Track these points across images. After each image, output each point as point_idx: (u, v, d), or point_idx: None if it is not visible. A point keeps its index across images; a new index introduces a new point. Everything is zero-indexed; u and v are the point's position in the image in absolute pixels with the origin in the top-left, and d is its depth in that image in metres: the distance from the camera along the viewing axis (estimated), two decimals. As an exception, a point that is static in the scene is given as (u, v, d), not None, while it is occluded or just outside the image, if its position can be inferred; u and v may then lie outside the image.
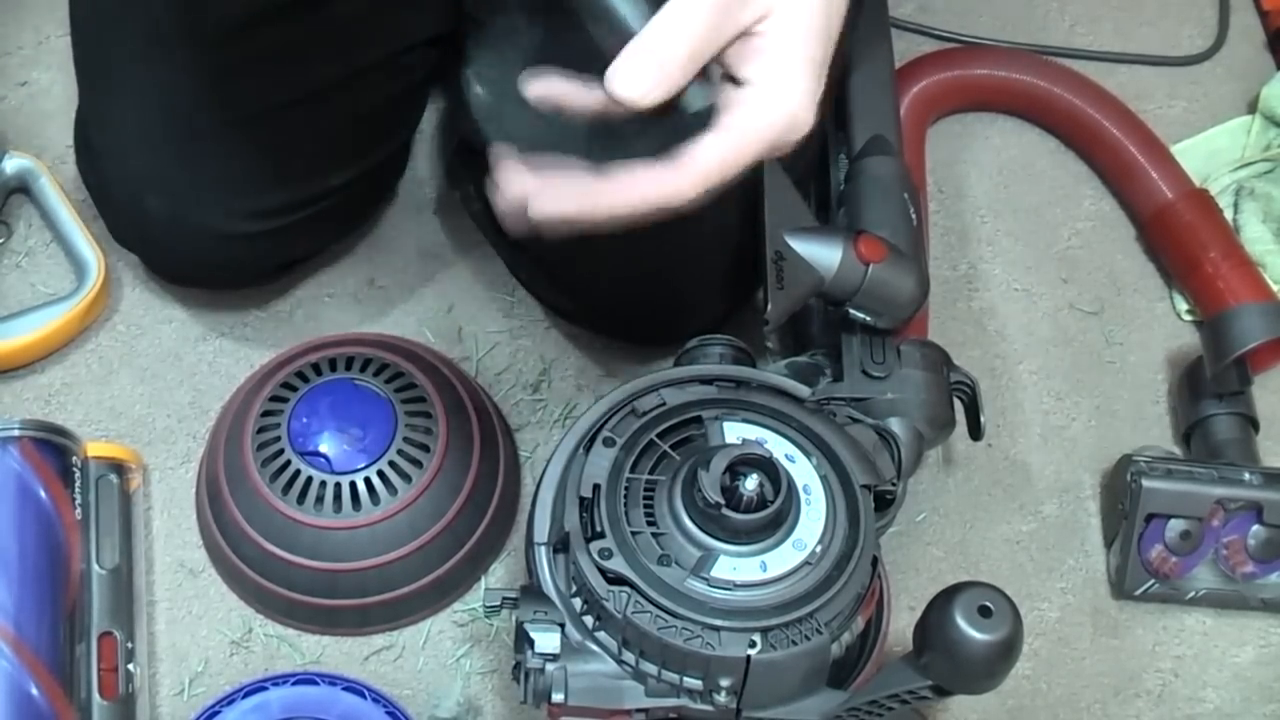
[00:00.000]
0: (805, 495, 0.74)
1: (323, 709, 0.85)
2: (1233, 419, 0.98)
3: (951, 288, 1.08)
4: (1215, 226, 1.06)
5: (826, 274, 0.82)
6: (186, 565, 0.93)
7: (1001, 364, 1.05)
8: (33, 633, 0.81)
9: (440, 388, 0.91)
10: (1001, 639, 0.65)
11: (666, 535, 0.72)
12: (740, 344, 0.84)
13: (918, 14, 1.20)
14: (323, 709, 0.85)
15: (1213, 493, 0.92)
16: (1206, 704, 0.93)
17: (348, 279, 1.04)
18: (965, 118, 1.15)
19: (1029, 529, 0.99)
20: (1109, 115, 1.12)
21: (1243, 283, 1.02)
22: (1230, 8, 1.24)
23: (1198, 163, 1.13)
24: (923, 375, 0.87)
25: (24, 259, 1.03)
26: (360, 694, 0.86)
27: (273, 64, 0.88)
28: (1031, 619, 0.92)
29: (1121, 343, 1.07)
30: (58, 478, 0.87)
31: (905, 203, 0.93)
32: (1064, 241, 1.11)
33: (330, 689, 0.85)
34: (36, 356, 0.98)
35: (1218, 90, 1.19)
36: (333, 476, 0.87)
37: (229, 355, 1.00)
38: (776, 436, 0.76)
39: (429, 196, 1.08)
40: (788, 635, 0.69)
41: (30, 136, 1.06)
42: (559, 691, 0.70)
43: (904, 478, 0.83)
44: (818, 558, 0.72)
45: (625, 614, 0.69)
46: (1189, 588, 0.94)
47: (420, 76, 0.97)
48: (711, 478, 0.70)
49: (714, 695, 0.70)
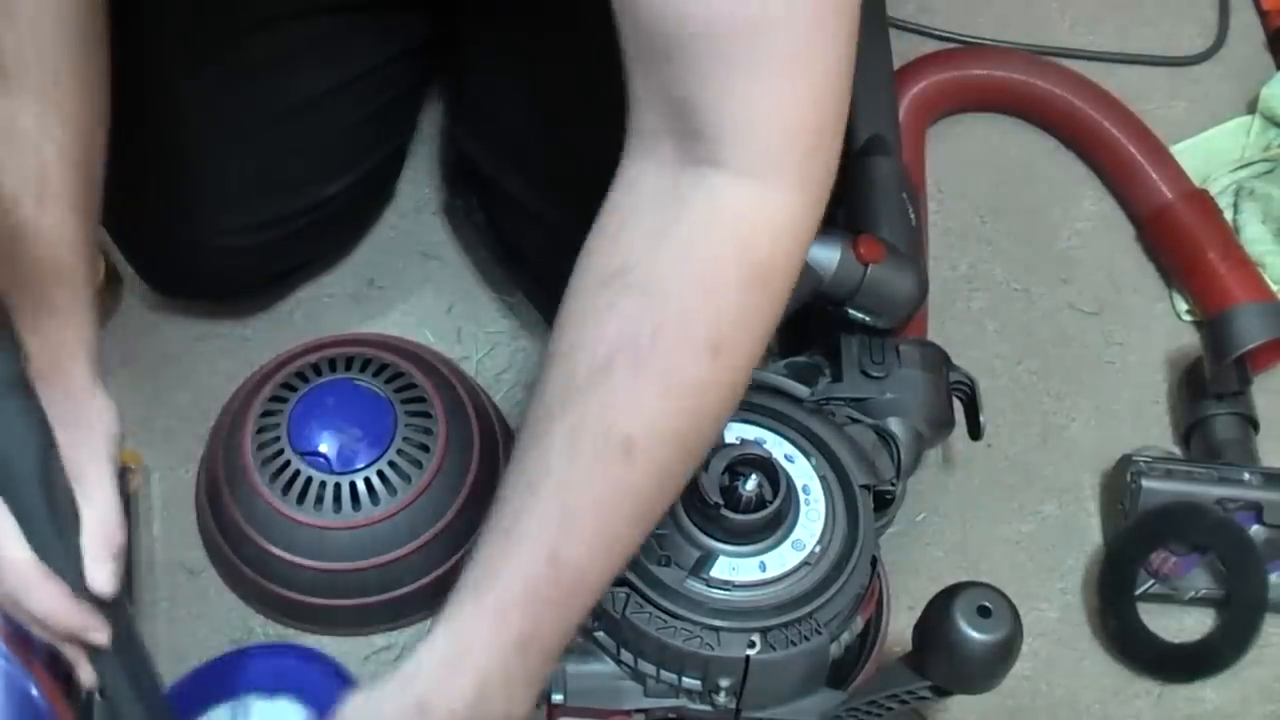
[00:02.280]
0: (804, 495, 0.74)
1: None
2: (1232, 419, 0.98)
3: (951, 288, 1.08)
4: (1215, 227, 1.06)
5: (825, 274, 0.82)
6: (186, 565, 0.93)
7: (1001, 364, 1.05)
8: (33, 633, 0.81)
9: (440, 388, 0.91)
10: (1001, 639, 0.65)
11: (666, 535, 0.72)
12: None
13: (918, 14, 1.20)
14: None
15: (1212, 493, 0.92)
16: (1206, 704, 0.93)
17: (347, 279, 1.04)
18: (965, 118, 1.15)
19: (1029, 529, 0.99)
20: (1109, 115, 1.12)
21: (1242, 283, 1.02)
22: (1230, 8, 1.24)
23: (1198, 163, 1.13)
24: (922, 375, 0.87)
25: (24, 259, 1.03)
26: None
27: (261, 76, 0.88)
28: (1031, 619, 0.92)
29: (1121, 343, 1.07)
30: (58, 478, 0.87)
31: (904, 203, 0.93)
32: (1064, 241, 1.11)
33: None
34: (37, 357, 0.98)
35: (1218, 90, 1.19)
36: (333, 476, 0.87)
37: (229, 355, 1.00)
38: (775, 437, 0.76)
39: (429, 197, 1.08)
40: (787, 635, 0.69)
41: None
42: (558, 692, 0.70)
43: (903, 478, 0.83)
44: (817, 558, 0.72)
45: (624, 614, 0.69)
46: (1189, 587, 0.94)
47: (411, 84, 0.97)
48: (710, 478, 0.70)
49: (713, 695, 0.70)
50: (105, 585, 0.64)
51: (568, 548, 0.60)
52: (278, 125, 0.89)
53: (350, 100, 0.91)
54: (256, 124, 0.89)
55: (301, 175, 0.92)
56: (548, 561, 0.60)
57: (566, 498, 0.59)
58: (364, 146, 0.96)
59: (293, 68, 0.89)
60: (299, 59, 0.88)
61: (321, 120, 0.91)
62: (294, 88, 0.89)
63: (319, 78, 0.89)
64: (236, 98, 0.88)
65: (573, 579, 0.61)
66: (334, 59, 0.90)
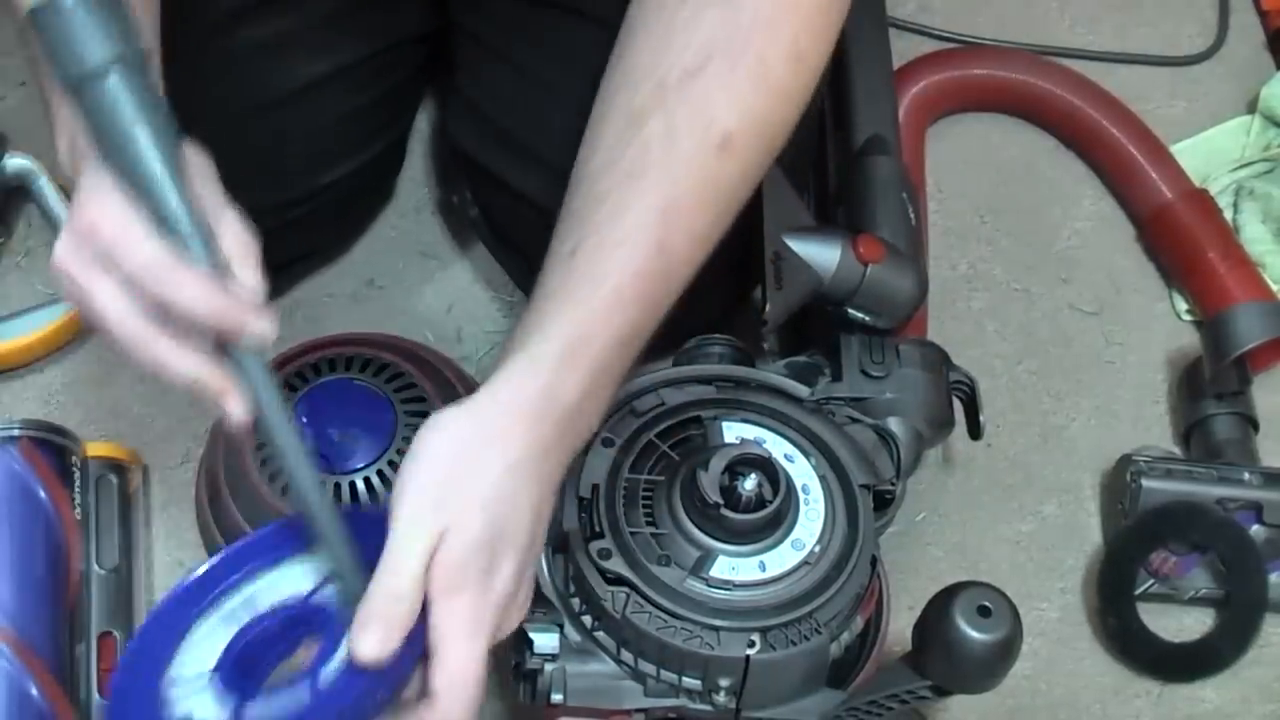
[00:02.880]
0: (804, 495, 0.74)
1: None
2: (1232, 419, 0.98)
3: (951, 288, 1.08)
4: (1215, 227, 1.06)
5: (825, 274, 0.82)
6: (186, 565, 0.93)
7: (1001, 364, 1.05)
8: (33, 633, 0.81)
9: (440, 388, 0.91)
10: (1001, 639, 0.65)
11: (665, 535, 0.72)
12: (739, 344, 0.84)
13: (918, 14, 1.20)
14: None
15: (1212, 492, 0.92)
16: (1206, 704, 0.93)
17: (347, 279, 1.04)
18: (965, 118, 1.15)
19: (1029, 529, 0.99)
20: (1109, 115, 1.12)
21: (1242, 283, 1.02)
22: (1230, 8, 1.23)
23: (1197, 163, 1.13)
24: (922, 375, 0.87)
25: (24, 259, 1.03)
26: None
27: (258, 61, 0.87)
28: (1031, 619, 0.92)
29: (1121, 343, 1.07)
30: (57, 478, 0.87)
31: (904, 203, 0.93)
32: (1064, 241, 1.11)
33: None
34: (36, 356, 0.98)
35: (1217, 90, 1.19)
36: (332, 476, 0.87)
37: (229, 355, 1.00)
38: (775, 436, 0.77)
39: (428, 196, 1.08)
40: (787, 635, 0.69)
41: (30, 137, 1.05)
42: (558, 692, 0.70)
43: (903, 477, 0.83)
44: (816, 557, 0.72)
45: (624, 614, 0.69)
46: (1189, 587, 0.94)
47: (408, 74, 0.97)
48: (710, 478, 0.70)
49: (713, 695, 0.70)
50: (257, 285, 0.60)
51: (671, 238, 0.63)
52: (270, 113, 0.89)
53: (344, 90, 0.91)
54: (248, 111, 0.88)
55: (295, 165, 0.92)
56: (657, 252, 0.62)
57: (669, 190, 0.62)
58: (359, 137, 0.95)
59: (285, 55, 0.88)
60: (292, 46, 0.88)
61: (315, 109, 0.91)
62: (286, 75, 0.89)
63: (312, 65, 0.89)
64: (227, 84, 0.87)
65: (672, 272, 0.64)
66: (328, 46, 0.90)
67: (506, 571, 0.61)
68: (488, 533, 0.60)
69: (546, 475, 0.62)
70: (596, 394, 0.63)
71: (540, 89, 0.87)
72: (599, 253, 0.63)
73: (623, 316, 0.62)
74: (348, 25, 0.90)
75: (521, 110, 0.88)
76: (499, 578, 0.61)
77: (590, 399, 0.63)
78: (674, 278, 0.65)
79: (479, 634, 0.60)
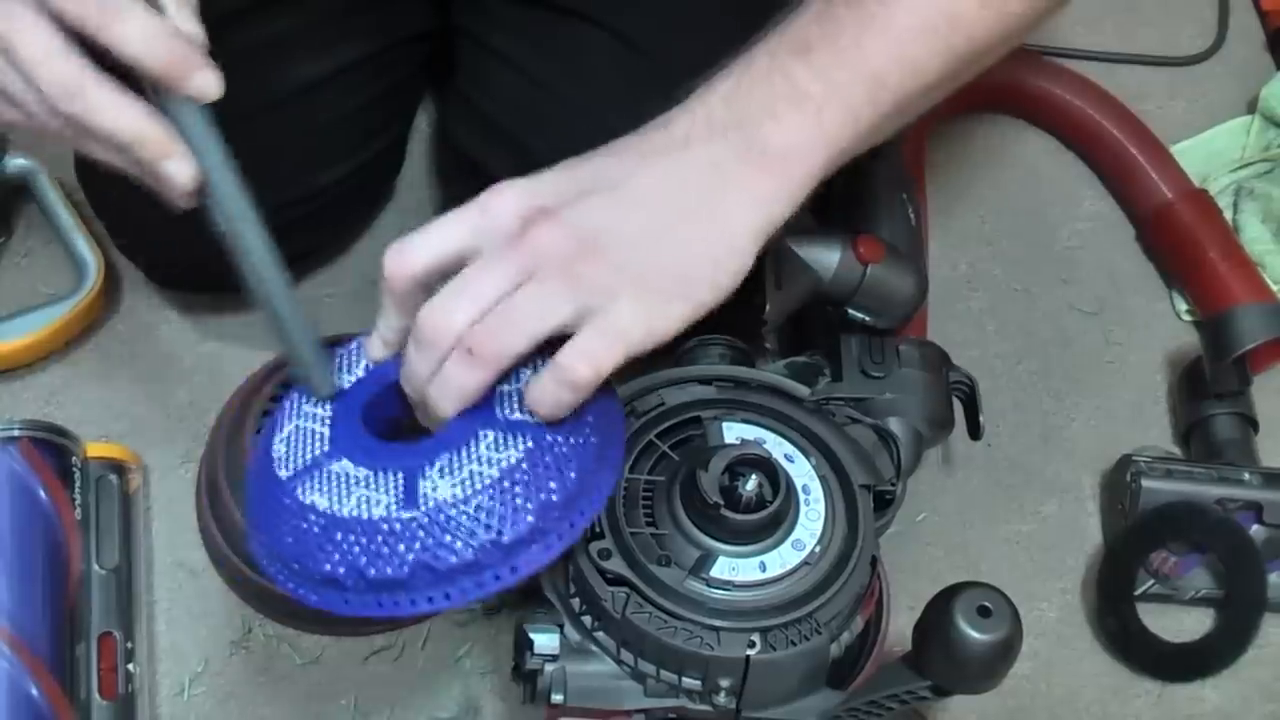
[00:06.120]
0: (804, 495, 0.74)
1: None
2: (1232, 419, 0.98)
3: (951, 288, 1.08)
4: (1215, 227, 1.06)
5: (825, 274, 0.82)
6: (186, 565, 0.93)
7: (1001, 364, 1.05)
8: (33, 633, 0.81)
9: (440, 388, 0.91)
10: (1000, 639, 0.65)
11: (665, 535, 0.72)
12: (739, 344, 0.84)
13: (918, 14, 1.20)
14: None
15: (1212, 493, 0.92)
16: (1206, 704, 0.93)
17: (347, 279, 1.04)
18: (965, 118, 1.15)
19: (1029, 529, 0.99)
20: (1109, 115, 1.12)
21: (1242, 283, 1.02)
22: (1230, 8, 1.24)
23: (1197, 163, 1.13)
24: (922, 375, 0.87)
25: (24, 259, 1.03)
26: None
27: (256, 61, 0.87)
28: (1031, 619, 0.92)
29: (1121, 343, 1.07)
30: (57, 478, 0.87)
31: (904, 203, 0.93)
32: (1064, 241, 1.11)
33: None
34: (36, 356, 0.98)
35: (1217, 90, 1.19)
36: (332, 477, 0.87)
37: (229, 355, 1.00)
38: (775, 437, 0.76)
39: (428, 196, 1.08)
40: (787, 635, 0.69)
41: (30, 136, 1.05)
42: (558, 692, 0.70)
43: (903, 478, 0.83)
44: (817, 558, 0.72)
45: (624, 614, 0.69)
46: (1189, 588, 0.94)
47: (408, 74, 0.97)
48: (710, 478, 0.70)
49: (713, 696, 0.70)
50: (198, 32, 0.54)
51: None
52: (270, 113, 0.89)
53: (344, 90, 0.91)
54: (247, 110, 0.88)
55: (295, 165, 0.92)
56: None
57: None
58: (359, 137, 0.96)
59: (285, 55, 0.88)
60: (292, 46, 0.88)
61: (315, 109, 0.91)
62: (286, 75, 0.89)
63: (312, 65, 0.89)
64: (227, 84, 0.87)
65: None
66: (328, 46, 0.90)
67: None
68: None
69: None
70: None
71: (540, 89, 0.87)
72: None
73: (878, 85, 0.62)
74: (348, 25, 0.90)
75: (522, 110, 0.89)
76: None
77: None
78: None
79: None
